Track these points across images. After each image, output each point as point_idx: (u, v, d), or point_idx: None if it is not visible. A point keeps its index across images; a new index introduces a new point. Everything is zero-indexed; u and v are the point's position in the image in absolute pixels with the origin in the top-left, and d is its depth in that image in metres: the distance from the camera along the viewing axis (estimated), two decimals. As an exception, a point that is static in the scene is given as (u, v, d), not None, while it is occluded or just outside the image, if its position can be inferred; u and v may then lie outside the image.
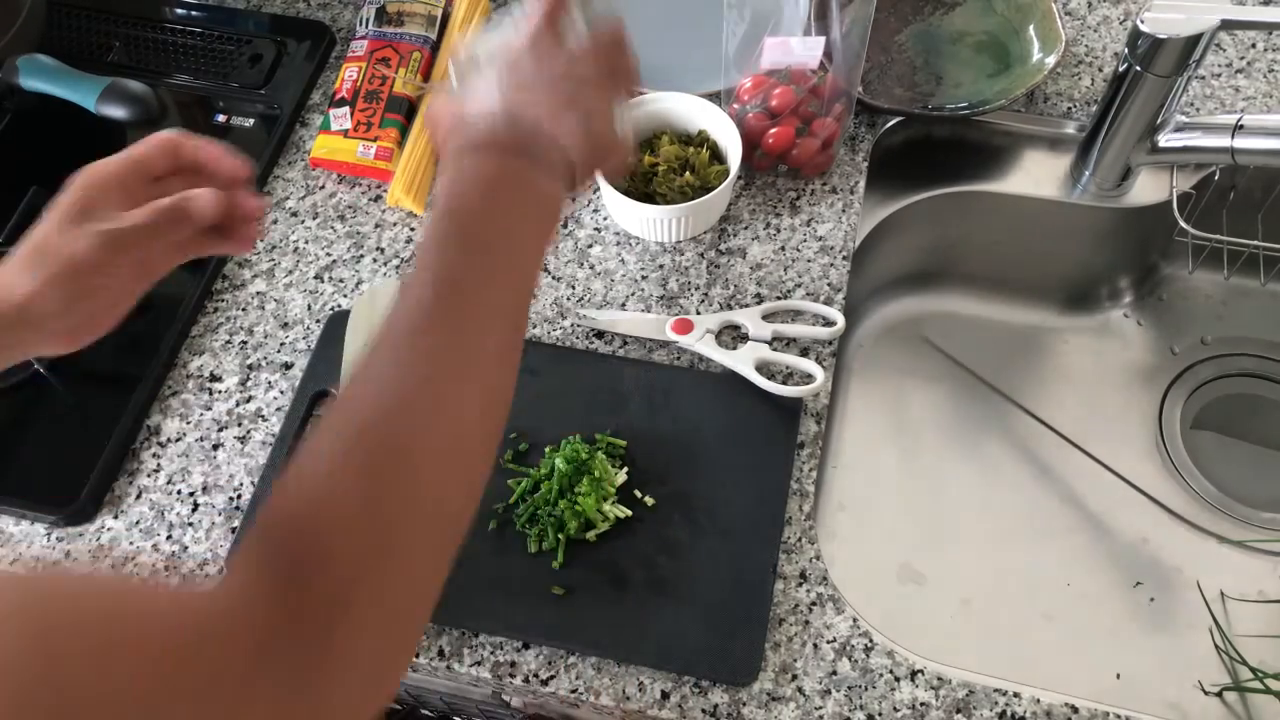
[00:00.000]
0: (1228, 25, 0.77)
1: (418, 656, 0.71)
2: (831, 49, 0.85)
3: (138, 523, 0.78)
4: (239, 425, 0.82)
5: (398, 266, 0.89)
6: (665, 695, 0.69)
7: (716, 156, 0.89)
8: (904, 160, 0.98)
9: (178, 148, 0.61)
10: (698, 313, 0.85)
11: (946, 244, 1.04)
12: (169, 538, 0.77)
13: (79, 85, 0.89)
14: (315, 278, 0.89)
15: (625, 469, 0.76)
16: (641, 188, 0.87)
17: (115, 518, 0.78)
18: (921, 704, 0.68)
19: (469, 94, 0.54)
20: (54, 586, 0.30)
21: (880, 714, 0.68)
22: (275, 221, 0.93)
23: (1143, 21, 0.79)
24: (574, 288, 0.86)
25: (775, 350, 0.81)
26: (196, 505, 0.78)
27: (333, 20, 1.06)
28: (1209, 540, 0.92)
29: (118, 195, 0.57)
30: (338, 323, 0.85)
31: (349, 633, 0.33)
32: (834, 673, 0.70)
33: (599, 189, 0.88)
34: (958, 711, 0.68)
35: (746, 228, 0.90)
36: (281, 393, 0.83)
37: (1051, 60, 0.94)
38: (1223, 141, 0.82)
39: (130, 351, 0.85)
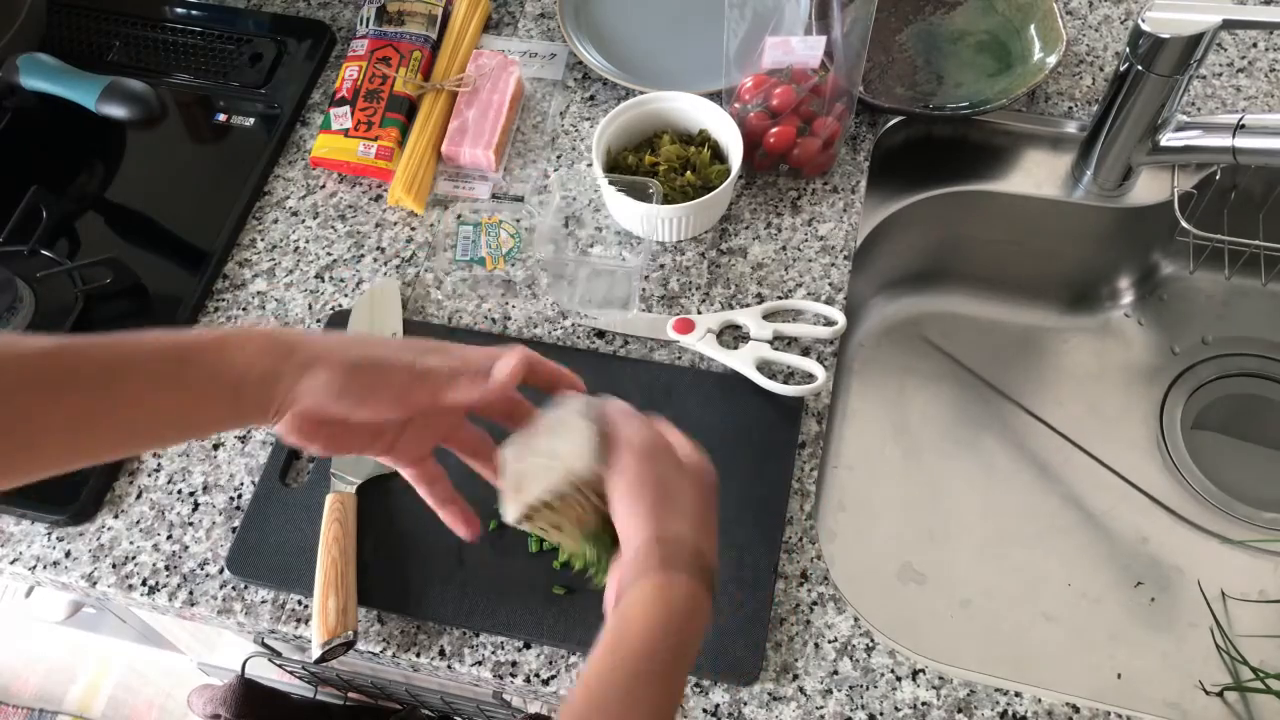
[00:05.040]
0: (1229, 25, 0.77)
1: (418, 656, 0.71)
2: (832, 48, 0.85)
3: (138, 522, 0.78)
4: (239, 425, 0.82)
5: (398, 266, 0.89)
6: (666, 695, 0.69)
7: (717, 156, 0.89)
8: (905, 160, 0.98)
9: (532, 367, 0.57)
10: (699, 312, 0.85)
11: (947, 244, 1.04)
12: (169, 537, 0.77)
13: (79, 84, 0.89)
14: (316, 277, 0.89)
15: (626, 469, 0.76)
16: (643, 187, 0.87)
17: (116, 517, 0.78)
18: (923, 703, 0.68)
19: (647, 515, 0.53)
20: None
21: (882, 713, 0.68)
22: (276, 221, 0.93)
23: (1144, 21, 0.79)
24: (576, 287, 0.86)
25: (776, 350, 0.81)
26: (197, 505, 0.78)
27: (333, 20, 1.06)
28: (1210, 540, 0.92)
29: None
30: (338, 322, 0.85)
31: None
32: (835, 672, 0.70)
33: (599, 189, 0.88)
34: (959, 711, 0.68)
35: (747, 227, 0.90)
36: (282, 392, 0.83)
37: (1052, 60, 0.94)
38: (1224, 141, 0.82)
39: (130, 351, 0.85)
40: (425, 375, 0.53)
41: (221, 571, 0.75)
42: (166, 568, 0.76)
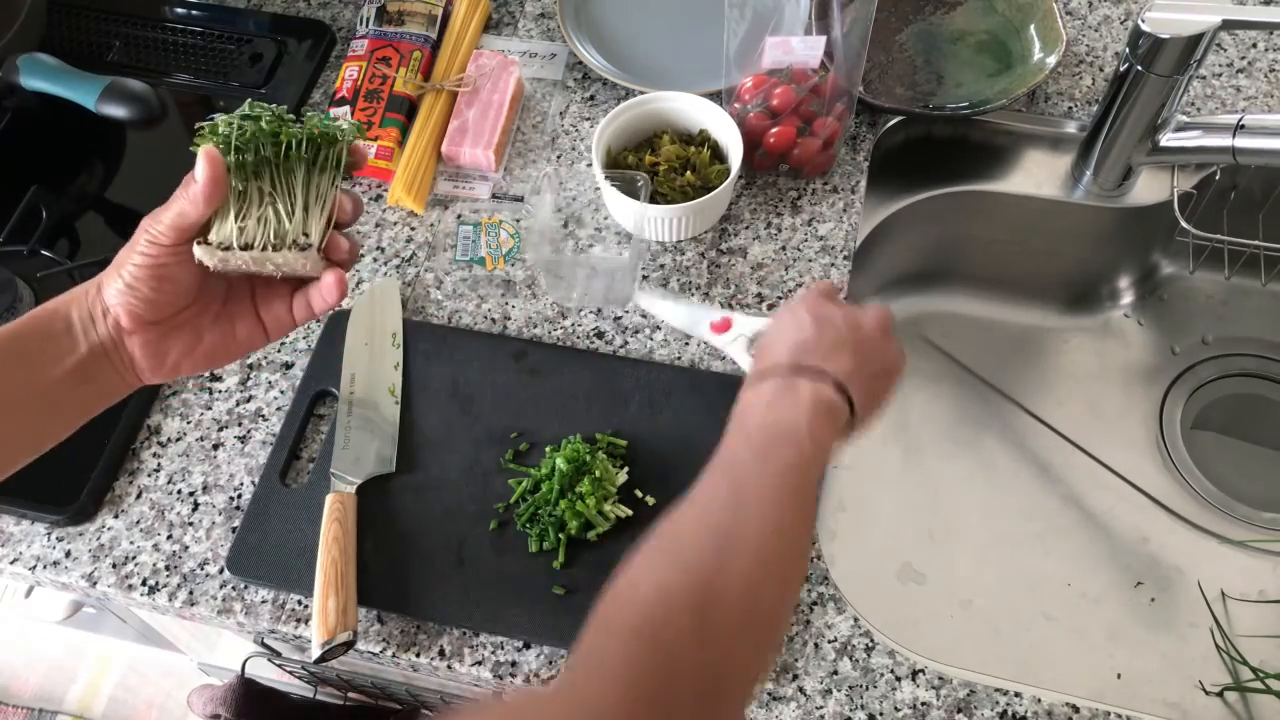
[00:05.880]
0: (1229, 25, 0.77)
1: (418, 656, 0.71)
2: (832, 48, 0.85)
3: (138, 522, 0.78)
4: (239, 425, 0.82)
5: (398, 266, 0.89)
6: (666, 695, 0.69)
7: (717, 156, 0.89)
8: (905, 160, 0.98)
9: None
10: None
11: (947, 244, 1.04)
12: (169, 537, 0.77)
13: (79, 84, 0.89)
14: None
15: (626, 469, 0.76)
16: (631, 180, 0.87)
17: (116, 517, 0.78)
18: (923, 704, 0.68)
19: (768, 346, 0.63)
20: None
21: (881, 714, 0.68)
22: (276, 221, 0.93)
23: (1144, 21, 0.79)
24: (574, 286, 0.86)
25: None
26: (197, 505, 0.78)
27: (333, 19, 1.06)
28: (1210, 540, 0.92)
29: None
30: (338, 322, 0.85)
31: (726, 689, 0.46)
32: (835, 672, 0.70)
33: (599, 188, 0.88)
34: (959, 711, 0.68)
35: (747, 227, 0.90)
36: (282, 392, 0.83)
37: (1052, 60, 0.94)
38: (1224, 141, 0.82)
39: (130, 351, 0.85)
40: (156, 217, 0.55)
41: (221, 571, 0.75)
42: (166, 568, 0.76)
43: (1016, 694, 0.69)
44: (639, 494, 0.75)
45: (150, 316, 0.55)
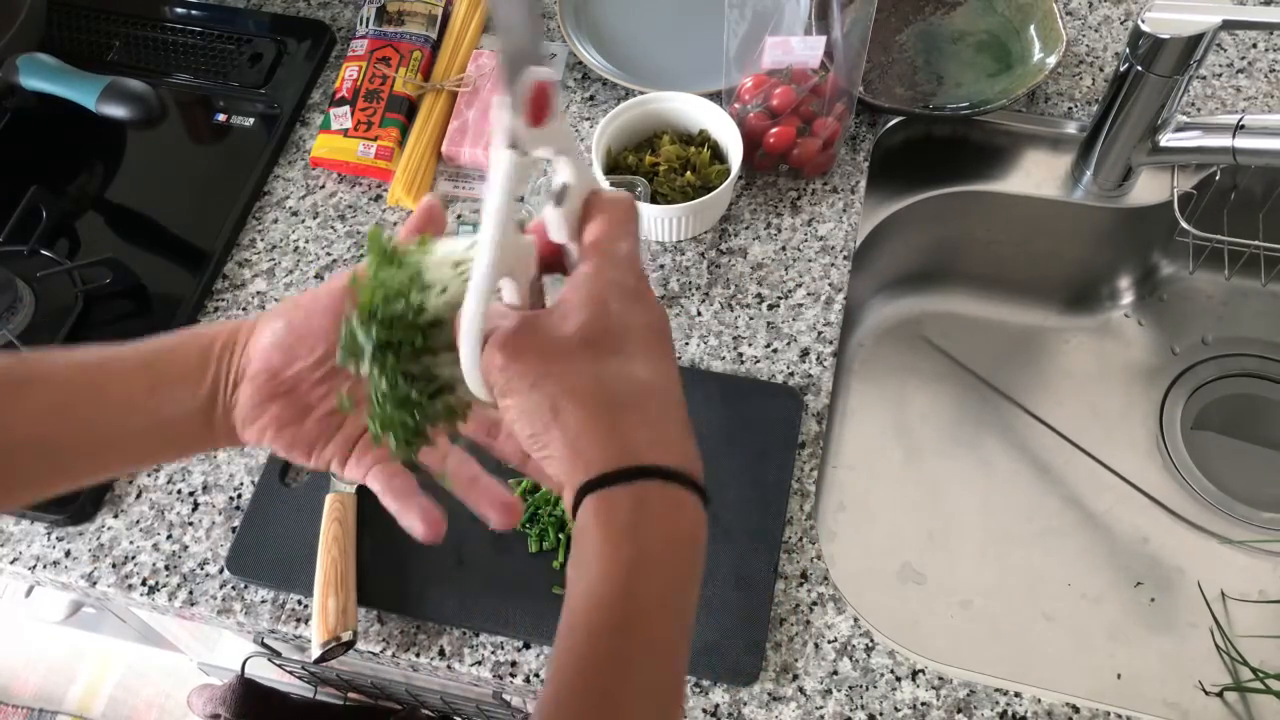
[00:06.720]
0: (1229, 25, 0.77)
1: (418, 656, 0.71)
2: (832, 48, 0.85)
3: (138, 522, 0.78)
4: (239, 425, 0.82)
5: (398, 266, 0.89)
6: (666, 695, 0.69)
7: (717, 156, 0.89)
8: (905, 160, 0.98)
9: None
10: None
11: (947, 244, 1.04)
12: (169, 537, 0.77)
13: (79, 84, 0.89)
14: (315, 277, 0.89)
15: (626, 469, 0.76)
16: (630, 185, 0.87)
17: (115, 517, 0.78)
18: (922, 704, 0.68)
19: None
20: None
21: (881, 714, 0.68)
22: (276, 221, 0.93)
23: (1144, 21, 0.79)
24: (575, 287, 0.86)
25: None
26: (196, 505, 0.78)
27: (333, 19, 1.06)
28: (1210, 540, 0.92)
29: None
30: (338, 322, 0.85)
31: None
32: (835, 672, 0.70)
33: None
34: (959, 711, 0.68)
35: (747, 227, 0.90)
36: (282, 392, 0.83)
37: (1052, 60, 0.94)
38: (1224, 141, 0.82)
39: (130, 351, 0.85)
40: (336, 277, 0.50)
41: (221, 571, 0.75)
42: (166, 568, 0.76)
43: (1016, 694, 0.69)
44: (639, 494, 0.75)
45: (281, 378, 0.50)
